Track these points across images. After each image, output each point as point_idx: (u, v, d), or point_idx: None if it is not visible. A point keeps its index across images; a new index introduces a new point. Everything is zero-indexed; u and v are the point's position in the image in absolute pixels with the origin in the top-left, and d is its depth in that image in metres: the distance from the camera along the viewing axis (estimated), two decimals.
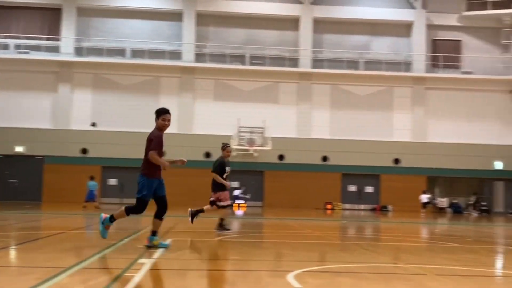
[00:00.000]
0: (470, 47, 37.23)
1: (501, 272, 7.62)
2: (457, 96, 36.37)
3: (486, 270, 7.38)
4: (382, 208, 34.66)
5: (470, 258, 8.88)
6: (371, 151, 35.12)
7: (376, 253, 9.30)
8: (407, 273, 7.04)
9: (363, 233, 15.34)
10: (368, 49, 36.70)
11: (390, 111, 35.95)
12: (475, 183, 37.44)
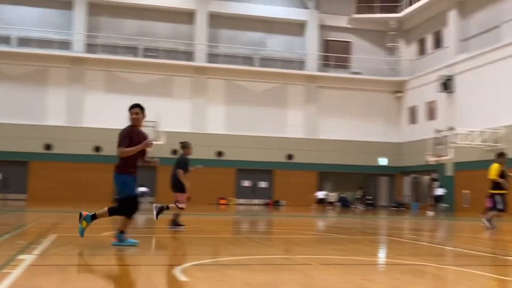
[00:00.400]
0: (359, 49, 38.94)
1: (380, 260, 8.00)
2: (346, 95, 37.91)
3: (366, 259, 7.71)
4: (275, 202, 35.38)
5: (353, 248, 9.25)
6: (265, 146, 35.72)
7: (266, 246, 9.42)
8: (294, 263, 7.20)
9: (255, 227, 15.53)
10: (263, 46, 37.26)
11: (284, 108, 36.76)
12: (361, 178, 39.28)
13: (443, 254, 9.08)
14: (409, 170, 38.08)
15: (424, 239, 12.35)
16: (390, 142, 38.52)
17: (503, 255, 8.60)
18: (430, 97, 35.48)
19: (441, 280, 6.19)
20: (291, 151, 36.37)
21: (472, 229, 16.96)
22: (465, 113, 32.07)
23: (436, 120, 34.58)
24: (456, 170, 32.88)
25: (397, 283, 5.55)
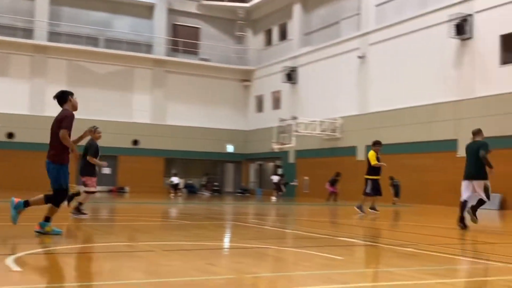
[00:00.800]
0: (208, 35, 39.08)
1: (225, 244, 8.06)
2: (195, 81, 37.91)
3: (211, 244, 7.72)
4: (119, 189, 34.40)
5: (198, 233, 9.24)
6: (110, 131, 34.50)
7: (108, 234, 9.07)
8: (137, 250, 6.98)
9: (97, 215, 14.92)
10: (109, 27, 35.87)
11: (130, 92, 35.80)
12: (209, 164, 39.67)
13: (284, 237, 9.40)
14: (255, 157, 39.22)
15: (267, 223, 12.74)
16: (238, 129, 39.32)
17: (337, 237, 9.12)
18: (276, 87, 36.76)
19: (281, 262, 6.37)
20: (137, 136, 35.58)
21: (311, 213, 17.91)
22: (307, 103, 33.72)
23: (280, 109, 35.94)
24: (297, 158, 34.51)
25: (239, 266, 5.59)
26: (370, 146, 15.96)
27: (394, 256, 6.83)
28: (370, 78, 29.17)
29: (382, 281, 4.72)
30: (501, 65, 22.68)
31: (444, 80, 24.70)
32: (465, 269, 6.17)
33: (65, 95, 7.96)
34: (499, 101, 22.33)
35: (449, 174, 24.17)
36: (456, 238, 9.65)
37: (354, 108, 30.10)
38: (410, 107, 26.27)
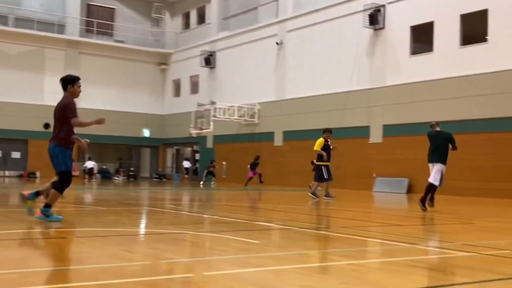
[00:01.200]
0: (124, 17, 38.08)
1: (140, 230, 7.94)
2: (110, 63, 36.89)
3: (126, 230, 7.58)
4: (29, 174, 33.04)
5: (113, 219, 9.05)
6: (19, 114, 33.04)
7: (19, 221, 8.69)
8: (48, 237, 6.75)
9: (7, 201, 14.27)
10: (19, 5, 34.11)
11: (41, 73, 34.31)
12: (124, 149, 38.87)
13: (201, 222, 9.40)
14: (172, 142, 38.84)
15: (184, 209, 12.69)
16: (154, 114, 38.74)
17: (254, 221, 9.23)
18: (194, 71, 36.48)
19: (198, 247, 6.37)
20: (49, 119, 34.05)
21: (228, 198, 18.00)
22: (225, 88, 33.71)
23: (198, 94, 35.72)
24: (215, 143, 34.50)
25: (155, 252, 5.53)
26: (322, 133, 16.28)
27: (308, 239, 7.00)
28: (287, 64, 29.57)
29: (296, 264, 4.83)
30: (411, 55, 23.67)
31: (357, 68, 25.47)
32: (375, 250, 6.43)
33: (70, 81, 8.08)
34: (408, 90, 23.33)
35: (361, 160, 25.06)
36: (368, 221, 10.03)
37: (272, 94, 30.44)
38: (325, 94, 26.91)
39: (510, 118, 19.59)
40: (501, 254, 5.84)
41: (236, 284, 3.82)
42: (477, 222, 10.33)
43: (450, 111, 21.75)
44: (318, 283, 4.03)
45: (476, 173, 20.57)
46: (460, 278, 4.35)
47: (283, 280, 4.12)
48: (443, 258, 5.53)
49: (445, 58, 22.19)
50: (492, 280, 4.34)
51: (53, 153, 7.86)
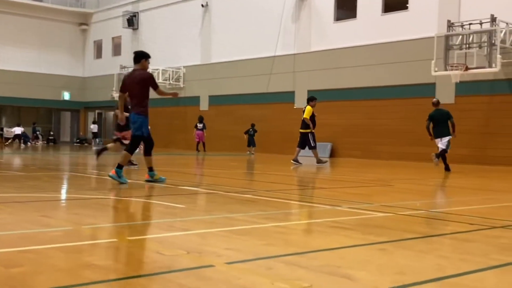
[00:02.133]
0: None
1: (61, 196, 7.72)
2: (27, 23, 35.13)
3: (46, 195, 7.36)
4: None
5: (33, 185, 8.75)
6: None
7: None
8: None
9: None
10: None
11: None
12: (43, 113, 37.45)
13: (124, 187, 9.25)
14: (94, 105, 37.76)
15: (107, 174, 12.43)
16: (74, 76, 37.41)
17: (179, 185, 9.20)
18: (116, 32, 35.37)
19: (121, 212, 6.28)
20: None
21: (154, 163, 17.76)
22: (149, 51, 32.76)
23: (121, 56, 34.74)
24: None
25: (76, 217, 5.40)
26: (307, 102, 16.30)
27: (234, 202, 7.06)
28: (213, 28, 29.24)
29: (222, 227, 4.86)
30: (335, 21, 24.00)
31: (283, 33, 25.57)
32: (298, 212, 6.59)
33: (145, 57, 8.98)
34: (333, 55, 23.72)
35: (286, 125, 25.40)
36: (292, 185, 10.24)
37: (197, 58, 30.10)
38: (251, 58, 26.91)
39: (427, 84, 20.39)
40: (416, 214, 6.14)
41: (162, 248, 3.81)
42: (394, 184, 10.78)
43: (372, 77, 22.37)
44: (243, 245, 4.09)
45: (394, 138, 21.38)
46: (377, 237, 4.53)
47: (209, 244, 4.14)
48: (363, 219, 5.74)
49: (368, 25, 22.67)
50: (407, 239, 4.55)
51: (132, 119, 8.80)
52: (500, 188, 10.54)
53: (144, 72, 8.83)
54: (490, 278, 3.28)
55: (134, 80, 8.71)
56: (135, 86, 8.70)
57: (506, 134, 18.81)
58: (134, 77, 8.74)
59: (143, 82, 8.70)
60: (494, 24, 17.28)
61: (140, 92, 8.70)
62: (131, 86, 8.73)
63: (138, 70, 8.83)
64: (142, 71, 8.83)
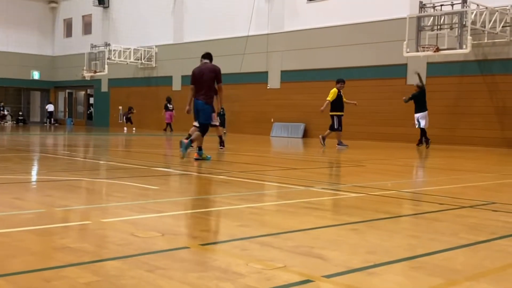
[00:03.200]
0: None
1: (32, 177, 7.63)
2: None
3: (17, 177, 7.26)
4: None
5: (3, 166, 8.61)
6: None
7: None
8: None
9: None
10: None
11: None
12: (12, 92, 36.72)
13: (97, 169, 9.18)
14: (64, 85, 37.17)
15: (79, 155, 12.31)
16: (44, 55, 36.70)
17: (152, 167, 9.16)
18: (86, 10, 34.73)
19: (94, 194, 6.24)
20: None
21: (125, 144, 17.67)
22: (120, 30, 32.46)
23: (91, 34, 34.17)
24: (110, 86, 33.42)
25: (49, 199, 5.35)
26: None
27: (208, 183, 7.08)
28: (186, 7, 28.92)
29: (196, 208, 4.88)
30: (308, 1, 23.95)
31: (256, 13, 25.44)
32: (272, 193, 6.63)
33: (211, 55, 10.23)
34: (306, 36, 23.71)
35: (259, 105, 25.39)
36: (265, 165, 10.28)
37: (170, 37, 29.79)
38: (224, 38, 26.73)
39: (399, 65, 20.56)
40: (388, 195, 6.24)
41: (136, 230, 3.80)
42: (367, 165, 10.91)
43: (344, 58, 22.45)
44: (218, 226, 4.11)
45: (366, 118, 21.57)
46: (350, 218, 4.60)
47: (184, 225, 4.16)
48: (335, 199, 5.81)
49: (341, 5, 22.69)
50: (379, 219, 4.64)
51: (202, 109, 9.73)
52: (469, 168, 10.76)
53: (214, 65, 9.89)
54: (459, 256, 3.37)
55: (204, 71, 9.72)
56: (204, 78, 9.66)
57: (475, 115, 19.15)
58: (204, 69, 9.76)
59: (212, 73, 9.70)
60: (465, 6, 17.44)
61: (208, 83, 9.67)
62: (200, 77, 9.70)
63: (208, 63, 9.92)
64: (211, 64, 9.91)
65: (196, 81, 9.75)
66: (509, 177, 9.02)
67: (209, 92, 9.74)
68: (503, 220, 4.66)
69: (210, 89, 9.75)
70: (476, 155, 14.57)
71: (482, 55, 19.10)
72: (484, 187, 7.34)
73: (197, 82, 9.74)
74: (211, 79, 9.71)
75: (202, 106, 9.74)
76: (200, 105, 9.76)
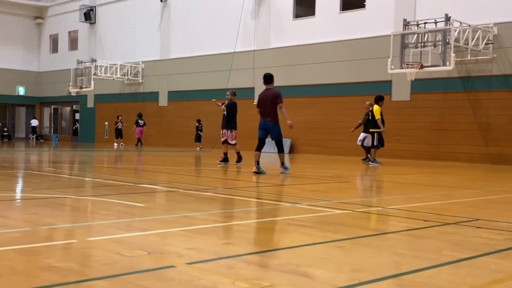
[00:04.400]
0: None
1: (17, 194, 7.57)
2: None
3: (2, 194, 7.20)
4: None
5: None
6: None
7: None
8: None
9: None
10: None
11: None
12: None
13: (82, 186, 9.13)
14: (50, 100, 37.00)
15: (64, 171, 12.24)
16: (29, 70, 36.55)
17: (138, 183, 9.13)
18: (72, 26, 34.71)
19: (79, 211, 6.21)
20: None
21: (110, 160, 17.59)
22: (107, 45, 32.45)
23: (78, 50, 34.13)
24: (96, 102, 33.33)
25: (34, 217, 5.32)
26: (375, 101, 16.18)
27: (194, 201, 7.07)
28: (172, 23, 29.03)
29: (182, 226, 4.88)
30: (294, 18, 24.17)
31: (243, 29, 25.60)
32: (258, 210, 6.65)
33: (271, 78, 11.64)
34: (292, 52, 23.90)
35: (247, 121, 25.45)
36: (252, 182, 10.30)
37: (156, 53, 29.84)
38: (211, 54, 26.85)
39: (384, 82, 20.75)
40: (373, 211, 6.28)
41: (121, 249, 3.80)
42: (351, 181, 10.97)
43: (329, 75, 22.65)
44: (204, 244, 4.12)
45: (353, 134, 21.67)
46: (335, 235, 4.63)
47: (169, 243, 4.16)
48: (321, 216, 5.84)
49: (326, 22, 22.92)
50: (364, 236, 4.67)
51: (273, 129, 11.45)
52: (452, 184, 10.86)
53: (275, 90, 11.50)
54: (442, 274, 3.40)
55: (268, 97, 11.37)
56: (268, 102, 11.31)
57: (459, 131, 19.35)
58: (268, 95, 11.42)
59: (274, 98, 11.26)
60: (448, 24, 17.71)
61: (272, 107, 11.29)
62: (265, 102, 11.39)
63: (270, 89, 11.52)
64: (273, 89, 11.50)
65: (261, 105, 11.53)
66: (493, 193, 9.13)
67: (274, 114, 11.37)
68: (486, 237, 4.72)
69: (274, 111, 11.36)
70: (460, 171, 14.71)
71: (465, 72, 19.37)
72: (468, 204, 7.42)
73: (262, 106, 11.51)
74: (274, 103, 11.29)
75: (272, 127, 11.45)
76: (269, 126, 11.46)
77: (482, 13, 18.75)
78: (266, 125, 11.48)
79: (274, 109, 11.34)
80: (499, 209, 7.07)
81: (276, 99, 11.28)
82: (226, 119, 14.84)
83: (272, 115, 11.37)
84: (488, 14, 18.68)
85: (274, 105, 11.30)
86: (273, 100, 11.29)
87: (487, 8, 18.80)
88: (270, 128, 11.49)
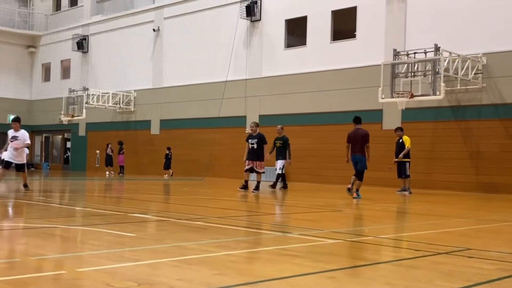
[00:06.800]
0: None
1: (6, 224, 7.51)
2: None
3: None
4: None
5: None
6: None
7: None
8: None
9: None
10: None
11: None
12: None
13: (72, 215, 9.07)
14: (41, 129, 36.92)
15: (54, 201, 12.16)
16: (21, 99, 36.56)
17: (129, 213, 9.08)
18: (65, 55, 34.87)
19: (69, 241, 6.15)
20: None
21: (101, 189, 17.50)
22: (98, 74, 32.59)
23: (70, 79, 34.22)
24: (88, 131, 33.29)
25: (24, 248, 5.27)
26: (398, 130, 17.22)
27: (185, 230, 7.04)
28: (165, 52, 29.24)
29: (173, 256, 4.84)
30: (286, 48, 24.42)
31: (235, 58, 25.81)
32: (249, 240, 6.62)
33: (360, 120, 13.85)
34: (283, 81, 24.09)
35: (237, 149, 25.46)
36: (242, 211, 10.27)
37: (149, 82, 29.98)
38: (203, 83, 27.00)
39: (375, 110, 20.91)
40: (364, 241, 6.27)
41: (112, 280, 3.76)
42: (343, 210, 10.96)
43: (320, 103, 22.80)
44: (195, 275, 4.08)
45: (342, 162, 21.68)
46: (327, 265, 4.61)
47: (160, 274, 4.12)
48: (313, 246, 5.82)
49: (317, 52, 23.17)
50: (356, 266, 4.65)
51: (360, 160, 13.47)
52: (444, 213, 10.87)
53: (365, 130, 13.67)
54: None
55: (358, 135, 13.54)
56: (359, 139, 13.50)
57: (450, 159, 19.45)
58: (358, 133, 13.59)
59: (364, 137, 13.52)
60: (438, 53, 17.94)
61: (361, 144, 13.49)
62: (356, 139, 13.54)
63: (361, 128, 13.68)
64: (362, 130, 13.64)
65: (352, 141, 13.59)
66: (484, 222, 9.14)
67: (362, 149, 13.50)
68: (478, 267, 4.72)
69: (362, 147, 13.50)
70: (451, 200, 14.74)
71: (455, 101, 19.56)
72: (460, 233, 7.42)
73: (352, 142, 13.58)
74: (363, 141, 13.50)
75: (360, 159, 13.49)
76: (358, 158, 13.51)
77: (471, 43, 19.04)
78: (356, 158, 13.52)
79: (362, 145, 13.52)
80: (490, 238, 7.07)
81: (366, 138, 13.54)
82: (257, 151, 15.45)
83: (360, 150, 13.52)
84: (477, 44, 18.97)
85: (363, 142, 13.49)
86: (363, 138, 13.52)
87: (476, 38, 19.10)
88: (358, 160, 13.50)
